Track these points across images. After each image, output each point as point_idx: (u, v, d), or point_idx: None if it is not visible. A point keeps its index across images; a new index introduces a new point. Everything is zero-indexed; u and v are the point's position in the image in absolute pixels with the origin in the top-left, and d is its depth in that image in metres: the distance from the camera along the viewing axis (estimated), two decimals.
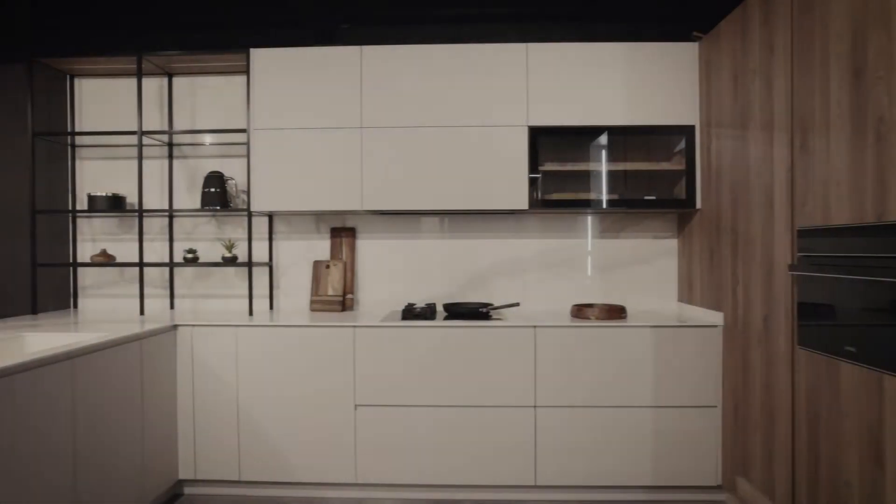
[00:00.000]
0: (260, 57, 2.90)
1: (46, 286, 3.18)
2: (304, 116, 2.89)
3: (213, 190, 3.04)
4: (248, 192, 2.92)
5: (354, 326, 2.65)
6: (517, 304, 2.84)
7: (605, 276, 3.20)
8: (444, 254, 3.22)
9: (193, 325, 2.69)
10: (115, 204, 3.10)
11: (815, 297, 1.87)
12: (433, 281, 3.22)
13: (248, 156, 2.91)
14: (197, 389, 2.69)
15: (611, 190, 3.00)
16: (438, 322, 2.67)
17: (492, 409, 2.64)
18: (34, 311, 3.04)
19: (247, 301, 3.25)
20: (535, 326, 2.63)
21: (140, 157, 2.94)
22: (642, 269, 3.19)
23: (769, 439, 2.18)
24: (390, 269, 3.23)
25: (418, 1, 3.18)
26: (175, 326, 2.68)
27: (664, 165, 2.96)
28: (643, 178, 2.99)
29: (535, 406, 2.63)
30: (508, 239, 3.21)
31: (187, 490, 2.76)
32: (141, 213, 2.98)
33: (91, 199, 3.08)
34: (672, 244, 3.18)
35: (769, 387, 2.17)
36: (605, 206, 2.89)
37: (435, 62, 2.87)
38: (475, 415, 2.64)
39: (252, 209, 2.91)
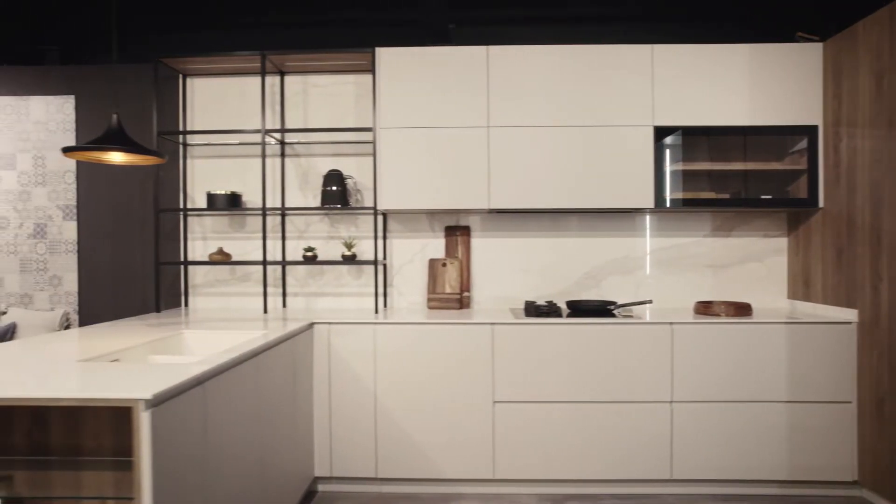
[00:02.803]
0: (386, 56, 2.92)
1: (164, 285, 3.18)
2: (430, 115, 2.91)
3: (333, 188, 3.05)
4: (374, 191, 2.93)
5: (493, 324, 2.68)
6: (650, 302, 2.87)
7: (716, 273, 3.24)
8: (556, 252, 3.25)
9: (330, 324, 2.70)
10: (232, 202, 3.10)
11: None
12: (546, 279, 3.25)
13: (374, 154, 2.92)
14: (333, 387, 2.70)
15: (729, 189, 3.05)
16: (578, 319, 2.70)
17: (628, 405, 2.67)
18: (158, 308, 3.04)
19: (360, 299, 3.26)
20: (671, 323, 2.67)
21: (263, 156, 2.95)
22: (752, 266, 3.23)
23: None
24: (503, 267, 3.26)
25: (540, 1, 3.21)
26: (311, 324, 2.69)
27: (775, 165, 3.01)
28: (758, 178, 3.04)
29: (671, 401, 2.67)
30: (620, 237, 3.25)
31: (321, 487, 2.77)
32: (264, 211, 2.99)
33: (210, 197, 3.08)
34: (781, 242, 3.22)
35: None
36: (726, 205, 2.93)
37: (560, 62, 2.90)
38: (611, 410, 2.67)
39: (379, 208, 2.92)
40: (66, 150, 1.98)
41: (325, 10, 3.31)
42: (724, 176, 3.08)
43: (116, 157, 2.10)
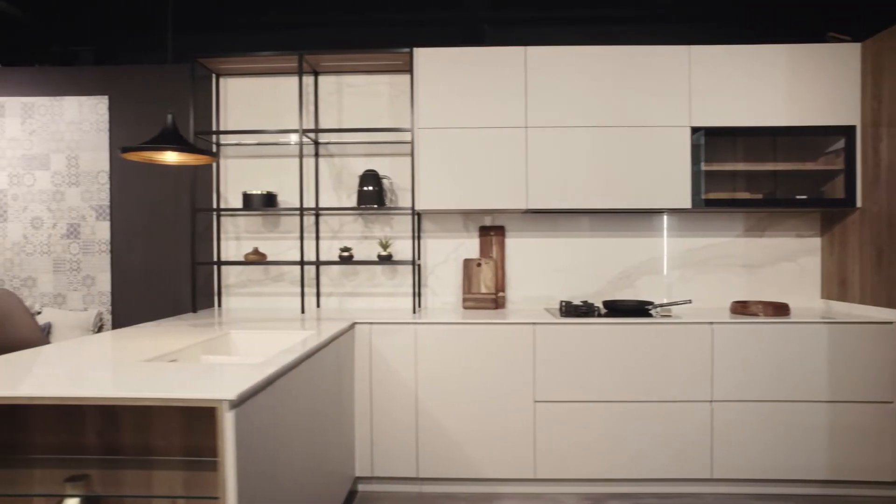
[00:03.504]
0: (423, 56, 2.92)
1: (197, 285, 3.18)
2: (467, 116, 2.91)
3: (370, 188, 3.06)
4: (412, 191, 2.94)
5: (535, 323, 2.68)
6: (689, 302, 2.88)
7: (749, 273, 3.24)
8: (589, 252, 3.26)
9: (372, 324, 2.71)
10: (268, 202, 3.11)
11: None
12: (580, 279, 3.25)
13: (412, 155, 2.93)
14: (374, 387, 2.71)
15: (762, 189, 3.06)
16: (619, 319, 2.71)
17: (668, 404, 2.68)
18: (194, 308, 3.05)
19: (393, 299, 3.27)
20: (711, 323, 2.68)
21: (301, 156, 2.96)
22: (785, 266, 3.23)
23: None
24: (537, 266, 3.26)
25: (576, 2, 3.21)
26: (353, 324, 2.70)
27: (808, 165, 3.02)
28: (791, 178, 3.05)
29: (711, 401, 2.67)
30: (653, 237, 3.25)
31: (361, 487, 2.78)
32: (302, 211, 2.99)
33: (246, 197, 3.09)
34: (815, 242, 3.23)
35: None
36: (762, 205, 2.94)
37: (597, 63, 2.90)
38: (651, 410, 2.68)
39: (417, 208, 2.93)
40: (124, 151, 1.98)
41: (356, 10, 3.32)
42: (756, 176, 3.10)
43: (171, 157, 2.11)
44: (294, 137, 3.20)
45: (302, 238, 3.02)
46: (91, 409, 1.61)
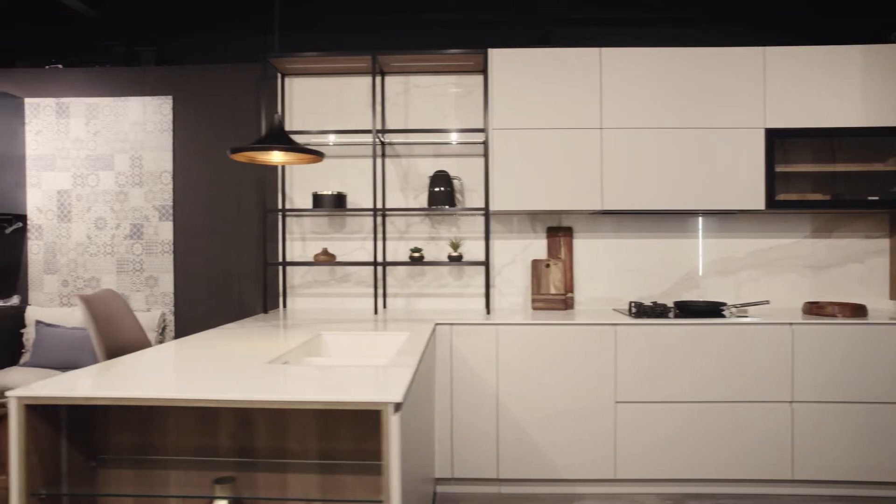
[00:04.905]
0: (498, 57, 2.92)
1: (261, 286, 3.18)
2: (542, 117, 2.91)
3: (441, 189, 3.05)
4: (485, 192, 2.94)
5: (615, 324, 2.68)
6: (767, 302, 2.88)
7: (817, 274, 3.24)
8: (656, 252, 3.26)
9: (452, 324, 2.71)
10: (338, 202, 3.10)
11: None
12: (647, 280, 3.25)
13: (486, 155, 2.93)
14: (455, 387, 2.71)
15: (831, 190, 3.06)
16: (699, 320, 2.71)
17: (748, 405, 2.68)
18: (265, 309, 3.05)
19: (461, 300, 3.27)
20: (791, 324, 2.68)
21: (375, 157, 2.95)
22: (853, 267, 3.23)
23: None
24: (604, 267, 3.26)
25: (645, 3, 3.21)
26: (434, 325, 2.69)
27: (877, 166, 3.02)
28: (860, 179, 3.04)
29: (791, 401, 2.68)
30: (720, 238, 3.25)
31: (440, 489, 2.78)
32: (375, 212, 2.99)
33: (316, 197, 3.08)
34: (883, 244, 3.23)
35: None
36: (834, 206, 2.94)
37: (672, 64, 2.90)
38: (731, 410, 2.68)
39: (491, 209, 2.93)
40: (233, 152, 1.98)
41: (424, 10, 3.31)
42: (821, 176, 3.10)
43: (277, 157, 2.11)
44: (363, 138, 3.20)
45: (376, 239, 3.02)
46: (225, 411, 1.61)
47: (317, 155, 2.10)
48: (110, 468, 1.62)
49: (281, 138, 1.97)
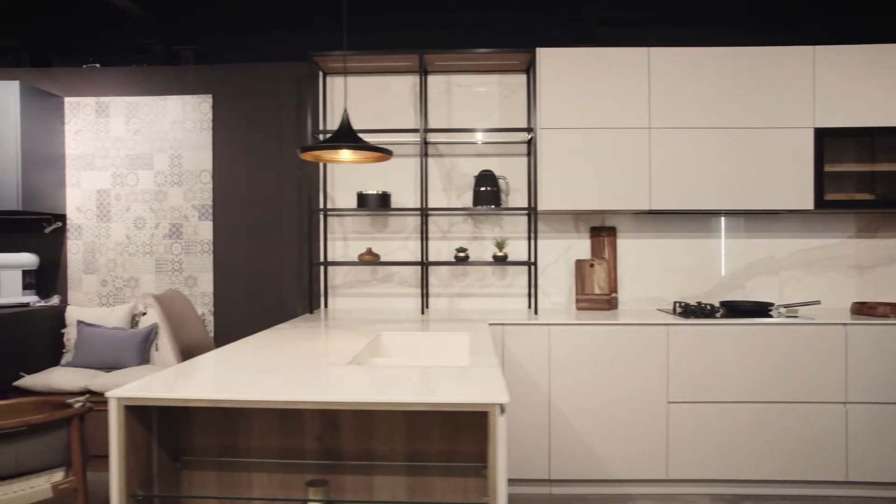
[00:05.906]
0: (546, 56, 2.91)
1: (301, 286, 3.17)
2: (589, 116, 2.90)
3: (486, 189, 3.04)
4: (531, 191, 2.93)
5: (668, 324, 2.67)
6: (818, 303, 2.87)
7: (861, 274, 3.23)
8: (699, 253, 3.24)
9: (504, 325, 2.69)
10: (383, 202, 3.09)
11: None
12: (691, 280, 3.24)
13: (533, 155, 2.92)
14: (507, 388, 2.68)
15: (876, 190, 3.05)
16: (751, 320, 2.70)
17: (801, 405, 2.67)
18: (311, 309, 3.03)
19: (504, 300, 3.26)
20: (845, 324, 2.66)
21: (421, 156, 2.94)
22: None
23: None
24: (648, 267, 3.25)
25: (694, 3, 3.20)
26: (487, 325, 2.68)
27: None
28: None
29: (845, 402, 2.66)
30: (763, 238, 3.24)
31: None
32: (422, 212, 2.97)
33: (361, 196, 3.07)
34: None
35: None
36: (884, 206, 2.93)
37: (719, 64, 2.89)
38: (784, 410, 2.67)
39: (539, 208, 2.91)
40: (303, 151, 1.96)
41: (462, 8, 3.30)
42: (864, 176, 3.09)
43: (346, 156, 2.09)
44: (405, 137, 3.18)
45: (423, 239, 3.01)
46: (311, 413, 1.59)
47: (385, 153, 2.08)
48: (193, 469, 1.61)
49: (350, 137, 1.95)
